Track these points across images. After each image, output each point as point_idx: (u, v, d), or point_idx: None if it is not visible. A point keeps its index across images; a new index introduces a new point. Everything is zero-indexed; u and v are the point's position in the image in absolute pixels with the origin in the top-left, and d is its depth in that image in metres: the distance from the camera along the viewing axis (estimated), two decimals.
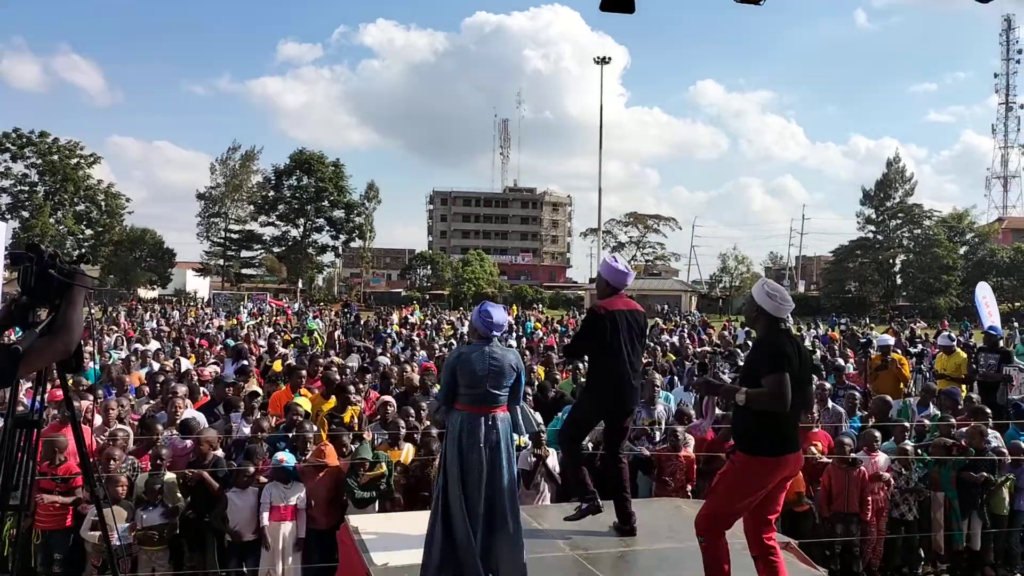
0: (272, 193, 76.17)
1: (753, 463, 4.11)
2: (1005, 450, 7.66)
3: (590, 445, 6.46)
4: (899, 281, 70.77)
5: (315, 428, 7.45)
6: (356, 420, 8.09)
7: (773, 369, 3.99)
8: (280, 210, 76.03)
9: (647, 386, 9.68)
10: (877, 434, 7.75)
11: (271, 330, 24.67)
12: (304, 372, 9.50)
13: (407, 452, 7.24)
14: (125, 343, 18.24)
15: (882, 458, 7.50)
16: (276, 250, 78.44)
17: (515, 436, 4.65)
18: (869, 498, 7.21)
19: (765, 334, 4.35)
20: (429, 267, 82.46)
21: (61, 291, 3.04)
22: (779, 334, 4.25)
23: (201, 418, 7.80)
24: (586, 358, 6.28)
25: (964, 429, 7.89)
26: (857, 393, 9.49)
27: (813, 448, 7.41)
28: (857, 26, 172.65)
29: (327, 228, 77.56)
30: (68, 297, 3.02)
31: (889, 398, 8.93)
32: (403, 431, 7.37)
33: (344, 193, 76.11)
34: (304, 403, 8.18)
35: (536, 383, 10.16)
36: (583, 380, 8.13)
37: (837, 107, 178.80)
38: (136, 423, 7.77)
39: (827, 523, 7.30)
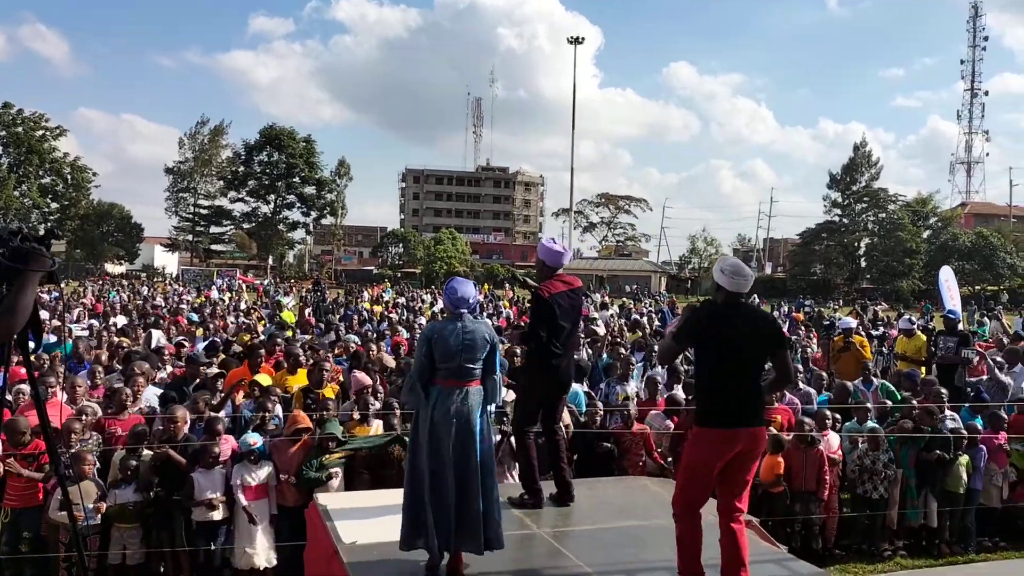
0: (242, 168, 75.20)
1: (701, 434, 4.18)
2: (964, 431, 7.86)
3: None
4: (863, 264, 71.83)
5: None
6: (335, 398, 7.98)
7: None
8: (250, 186, 75.10)
9: (623, 363, 9.82)
10: (828, 413, 7.92)
11: (243, 305, 24.39)
12: (263, 351, 9.15)
13: (375, 429, 7.30)
14: (86, 317, 17.93)
15: (834, 439, 7.66)
16: (246, 226, 77.60)
17: (488, 408, 4.67)
18: (826, 477, 7.37)
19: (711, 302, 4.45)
20: (401, 245, 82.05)
21: (11, 272, 2.92)
22: (723, 305, 4.25)
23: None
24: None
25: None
26: (824, 373, 9.65)
27: (773, 424, 7.52)
28: (828, 10, 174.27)
29: (298, 205, 76.85)
30: (19, 278, 2.93)
31: (850, 385, 9.10)
32: (374, 408, 7.39)
33: (315, 169, 75.36)
34: (263, 379, 8.07)
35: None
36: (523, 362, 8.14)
37: (807, 91, 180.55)
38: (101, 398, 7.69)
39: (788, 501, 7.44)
